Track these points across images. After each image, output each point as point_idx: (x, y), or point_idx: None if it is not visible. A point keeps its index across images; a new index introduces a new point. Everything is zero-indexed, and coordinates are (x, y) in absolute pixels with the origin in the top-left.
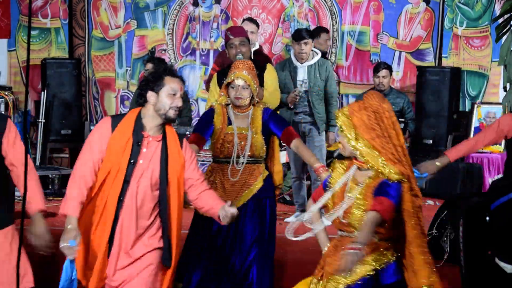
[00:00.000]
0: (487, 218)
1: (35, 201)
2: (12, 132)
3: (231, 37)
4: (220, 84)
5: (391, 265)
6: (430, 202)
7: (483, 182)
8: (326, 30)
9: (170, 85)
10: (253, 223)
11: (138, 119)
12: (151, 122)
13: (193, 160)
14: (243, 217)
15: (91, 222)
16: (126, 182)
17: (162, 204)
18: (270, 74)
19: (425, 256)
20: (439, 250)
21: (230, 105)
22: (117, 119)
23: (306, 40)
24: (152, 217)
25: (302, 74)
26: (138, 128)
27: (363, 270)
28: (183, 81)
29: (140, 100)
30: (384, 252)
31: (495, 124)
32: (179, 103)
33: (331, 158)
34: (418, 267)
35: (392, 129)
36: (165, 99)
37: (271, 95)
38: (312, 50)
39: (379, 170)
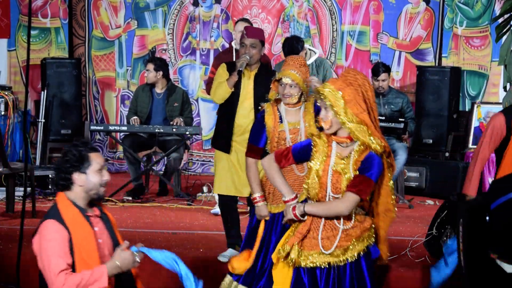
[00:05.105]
0: (487, 218)
1: None
2: None
3: (245, 36)
4: (230, 72)
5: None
6: (430, 202)
7: (483, 182)
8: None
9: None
10: None
11: (74, 204)
12: (83, 203)
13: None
14: None
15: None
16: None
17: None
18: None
19: (385, 232)
20: (439, 250)
21: (282, 102)
22: (59, 217)
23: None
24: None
25: None
26: (82, 211)
27: (361, 246)
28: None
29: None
30: (372, 229)
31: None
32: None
33: None
34: (380, 241)
35: (374, 102)
36: (95, 177)
37: None
38: (309, 49)
39: (366, 143)
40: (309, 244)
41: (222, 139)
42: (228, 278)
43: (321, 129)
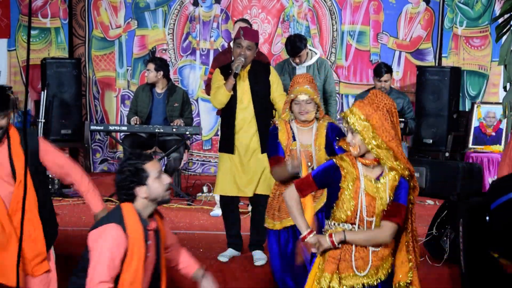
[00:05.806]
0: (487, 218)
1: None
2: (45, 145)
3: (242, 37)
4: (224, 75)
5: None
6: (430, 202)
7: (483, 182)
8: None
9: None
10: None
11: (139, 215)
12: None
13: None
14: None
15: None
16: None
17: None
18: (276, 77)
19: (408, 253)
20: (439, 250)
21: (293, 120)
22: (123, 225)
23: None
24: None
25: None
26: (144, 224)
27: (388, 263)
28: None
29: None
30: (394, 249)
31: None
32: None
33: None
34: (399, 263)
35: (398, 124)
36: (156, 185)
37: (280, 99)
38: (310, 50)
39: (394, 168)
40: (342, 266)
41: (225, 140)
42: None
43: (331, 154)
